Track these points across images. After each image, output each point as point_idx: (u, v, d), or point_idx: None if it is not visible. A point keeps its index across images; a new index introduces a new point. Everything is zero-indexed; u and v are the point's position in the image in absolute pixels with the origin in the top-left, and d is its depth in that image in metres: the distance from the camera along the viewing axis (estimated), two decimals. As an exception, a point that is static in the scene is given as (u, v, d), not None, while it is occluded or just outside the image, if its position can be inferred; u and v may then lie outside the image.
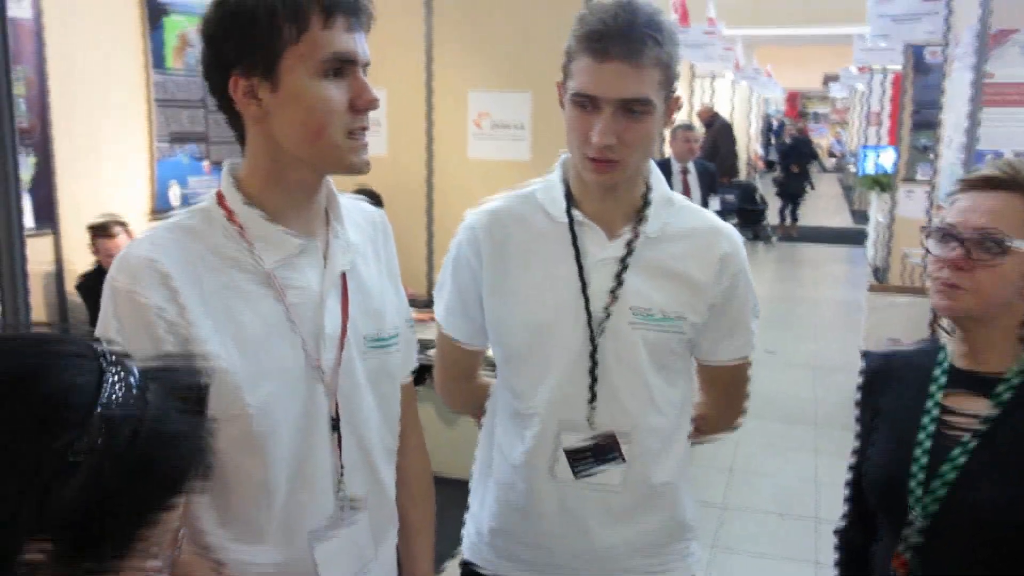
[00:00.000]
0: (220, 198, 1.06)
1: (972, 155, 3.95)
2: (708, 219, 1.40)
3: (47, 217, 3.31)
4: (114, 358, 0.63)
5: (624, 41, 1.18)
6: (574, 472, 1.35)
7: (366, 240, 1.19)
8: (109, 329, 0.97)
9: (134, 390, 0.61)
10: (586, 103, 1.22)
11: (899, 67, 8.66)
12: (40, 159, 3.24)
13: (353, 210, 1.20)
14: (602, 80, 1.20)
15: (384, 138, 4.25)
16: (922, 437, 1.16)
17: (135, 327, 0.96)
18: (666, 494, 1.39)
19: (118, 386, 0.60)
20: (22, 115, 3.12)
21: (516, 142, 4.12)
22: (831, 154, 22.19)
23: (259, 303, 1.02)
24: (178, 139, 3.93)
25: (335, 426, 1.08)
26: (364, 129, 1.03)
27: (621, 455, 1.34)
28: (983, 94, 3.63)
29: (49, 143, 3.26)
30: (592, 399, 1.33)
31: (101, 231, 3.31)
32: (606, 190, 1.31)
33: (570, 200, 1.35)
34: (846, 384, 5.21)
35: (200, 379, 0.69)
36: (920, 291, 4.79)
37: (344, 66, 1.00)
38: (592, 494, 1.35)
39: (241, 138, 1.06)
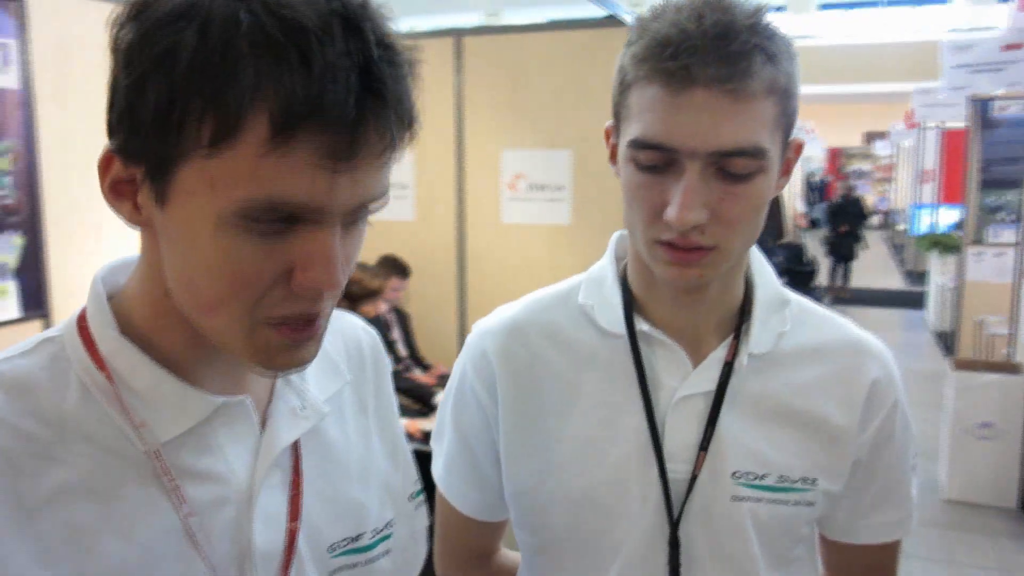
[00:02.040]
0: (82, 327, 0.64)
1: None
2: (844, 329, 0.94)
3: (36, 303, 2.97)
4: None
5: (718, 57, 0.74)
6: None
7: (344, 385, 0.76)
8: None
9: None
10: (656, 159, 0.78)
11: (958, 124, 8.22)
12: (28, 240, 2.91)
13: (327, 336, 0.79)
14: (684, 121, 0.75)
15: (411, 203, 3.93)
16: None
17: None
18: None
19: None
20: (7, 191, 2.81)
21: (555, 204, 3.77)
22: (875, 212, 21.86)
23: (134, 512, 0.61)
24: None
25: None
26: (306, 320, 0.60)
27: None
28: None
29: (39, 222, 2.94)
30: None
31: None
32: (689, 291, 0.87)
33: (630, 303, 0.90)
34: (930, 475, 4.64)
35: None
36: (1012, 368, 4.27)
37: (300, 215, 0.55)
38: None
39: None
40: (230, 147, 0.52)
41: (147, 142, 0.54)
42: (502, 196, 3.85)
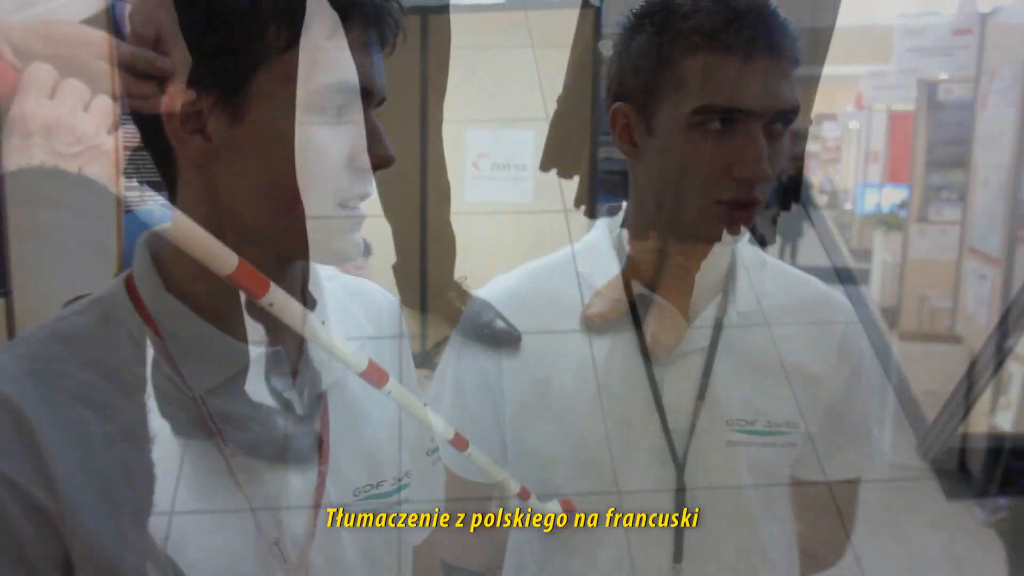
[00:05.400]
0: (130, 286, 0.70)
1: (1019, 194, 3.67)
2: (814, 286, 1.04)
3: (-2, 276, 2.94)
4: None
5: (771, 29, 0.85)
6: None
7: (367, 344, 0.83)
8: None
9: None
10: (725, 123, 0.86)
11: (906, 106, 8.44)
12: (-10, 211, 2.88)
13: (347, 297, 0.84)
14: (753, 85, 0.85)
15: (373, 182, 3.94)
16: None
17: None
18: None
19: None
20: (-31, 162, 2.77)
21: (517, 183, 3.81)
22: (822, 192, 22.33)
23: (185, 453, 0.68)
24: (153, 184, 3.59)
25: None
26: (363, 199, 0.70)
27: None
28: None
29: None
30: (678, 556, 0.94)
31: None
32: (695, 257, 0.95)
33: (628, 269, 0.98)
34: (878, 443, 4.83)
35: None
36: (954, 339, 4.47)
37: (350, 102, 0.67)
38: None
39: (171, 186, 0.71)
40: (300, 39, 0.64)
41: (226, 57, 0.63)
42: (467, 174, 3.88)
